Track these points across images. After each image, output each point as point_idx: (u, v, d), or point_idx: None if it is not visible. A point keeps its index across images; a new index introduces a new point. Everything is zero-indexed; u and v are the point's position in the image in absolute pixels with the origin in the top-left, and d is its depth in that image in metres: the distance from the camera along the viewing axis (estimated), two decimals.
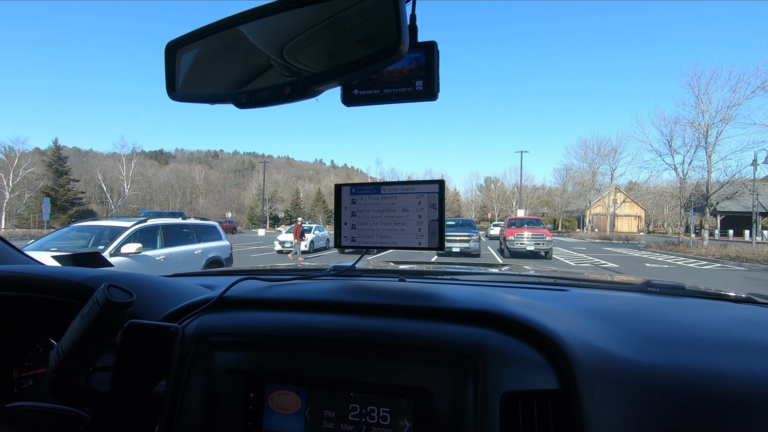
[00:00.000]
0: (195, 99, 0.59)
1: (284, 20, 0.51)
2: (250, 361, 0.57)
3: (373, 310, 0.59)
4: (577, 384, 0.46)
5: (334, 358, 0.54)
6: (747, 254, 14.65)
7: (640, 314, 0.67)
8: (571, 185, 50.99)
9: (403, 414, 0.50)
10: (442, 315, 0.57)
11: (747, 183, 20.06)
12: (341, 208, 0.77)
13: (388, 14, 0.44)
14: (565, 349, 0.49)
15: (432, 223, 0.70)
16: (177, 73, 0.58)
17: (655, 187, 32.51)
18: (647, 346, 0.53)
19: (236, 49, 0.55)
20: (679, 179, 21.82)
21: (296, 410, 0.54)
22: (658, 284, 0.92)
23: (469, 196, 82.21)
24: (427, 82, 0.59)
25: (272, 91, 0.51)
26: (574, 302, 0.71)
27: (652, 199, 34.68)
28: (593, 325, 0.60)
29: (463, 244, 14.87)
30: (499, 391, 0.48)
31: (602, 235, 35.53)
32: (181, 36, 0.57)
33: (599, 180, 44.94)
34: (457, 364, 0.50)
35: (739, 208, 33.36)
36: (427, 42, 0.59)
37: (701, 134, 20.30)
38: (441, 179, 0.71)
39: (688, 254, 17.28)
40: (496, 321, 0.55)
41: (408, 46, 0.45)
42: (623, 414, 0.44)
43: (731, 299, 0.86)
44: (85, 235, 6.41)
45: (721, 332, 0.59)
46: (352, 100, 0.64)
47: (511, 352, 0.51)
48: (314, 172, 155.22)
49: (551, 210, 57.57)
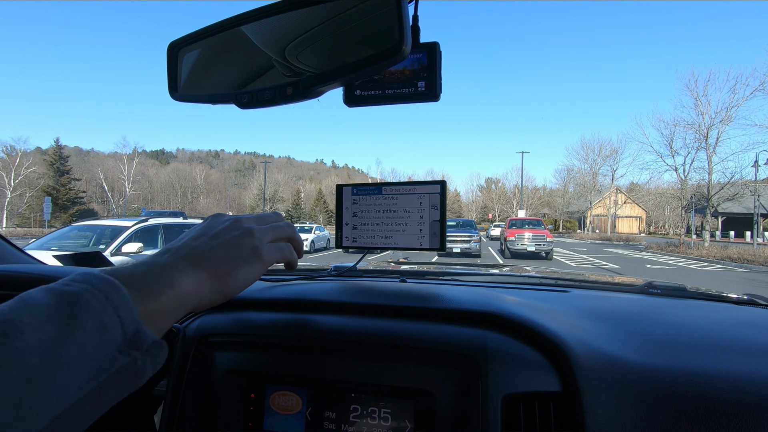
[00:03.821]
0: (197, 99, 0.59)
1: (286, 21, 0.51)
2: (251, 361, 0.57)
3: (374, 311, 0.59)
4: (579, 385, 0.46)
5: (335, 359, 0.54)
6: (748, 255, 14.64)
7: (642, 315, 0.66)
8: (572, 186, 50.99)
9: (405, 415, 0.50)
10: (442, 316, 0.57)
11: (748, 184, 20.05)
12: (342, 209, 0.77)
13: (391, 15, 0.44)
14: (566, 351, 0.49)
15: (433, 224, 0.70)
16: (179, 73, 0.59)
17: (656, 188, 32.51)
18: (648, 347, 0.53)
19: (238, 50, 0.55)
20: (680, 180, 21.83)
21: (297, 411, 0.54)
22: (660, 285, 0.92)
23: (469, 197, 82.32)
24: (429, 82, 0.59)
25: (274, 92, 0.51)
26: (575, 303, 0.71)
27: (653, 200, 34.68)
28: (594, 326, 0.59)
29: (463, 244, 14.88)
30: (501, 393, 0.48)
31: (603, 236, 35.53)
32: (183, 36, 0.57)
33: (600, 181, 44.93)
34: (458, 365, 0.50)
35: (740, 210, 33.33)
36: (429, 43, 0.59)
37: (701, 136, 20.30)
38: (442, 180, 0.71)
39: (689, 255, 17.27)
40: (496, 322, 0.55)
41: (410, 47, 0.45)
42: (624, 416, 0.44)
43: (732, 301, 0.86)
44: (86, 235, 6.43)
45: (722, 334, 0.59)
46: (354, 100, 0.64)
47: (512, 353, 0.51)
48: (315, 172, 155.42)
49: (552, 211, 57.57)
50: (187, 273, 0.38)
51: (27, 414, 0.25)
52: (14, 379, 0.25)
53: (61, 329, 0.27)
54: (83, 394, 0.27)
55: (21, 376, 0.25)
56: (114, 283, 0.31)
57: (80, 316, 0.28)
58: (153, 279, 0.35)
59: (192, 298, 0.38)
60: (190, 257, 0.40)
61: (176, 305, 0.36)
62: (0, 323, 0.26)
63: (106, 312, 0.29)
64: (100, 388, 0.28)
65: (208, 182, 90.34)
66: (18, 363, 0.25)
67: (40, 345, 0.26)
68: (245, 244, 0.44)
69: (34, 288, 0.30)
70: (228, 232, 0.44)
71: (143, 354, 0.30)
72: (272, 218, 0.51)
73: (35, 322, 0.27)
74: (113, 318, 0.29)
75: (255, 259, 0.44)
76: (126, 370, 0.29)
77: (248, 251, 0.44)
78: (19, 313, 0.27)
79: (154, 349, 0.31)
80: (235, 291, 0.43)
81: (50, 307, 0.28)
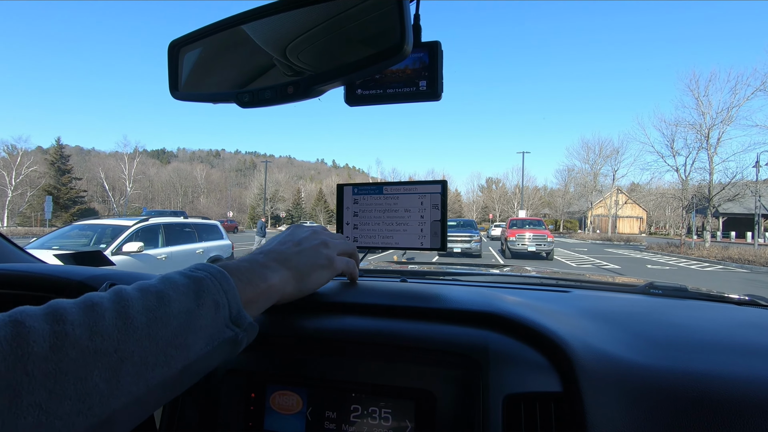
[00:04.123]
0: (198, 98, 0.59)
1: (287, 20, 0.51)
2: (251, 361, 0.57)
3: (374, 311, 0.59)
4: (580, 386, 0.46)
5: (335, 359, 0.54)
6: (749, 256, 14.63)
7: (643, 316, 0.66)
8: (573, 186, 50.97)
9: (405, 415, 0.50)
10: (443, 316, 0.57)
11: (749, 185, 20.04)
12: (343, 208, 0.77)
13: (392, 14, 0.44)
14: (567, 351, 0.49)
15: (434, 224, 0.70)
16: (180, 73, 0.58)
17: (657, 188, 32.48)
18: (649, 348, 0.53)
19: (239, 49, 0.55)
20: (681, 181, 21.81)
21: (297, 411, 0.53)
22: (661, 286, 0.91)
23: (470, 197, 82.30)
24: (431, 82, 0.59)
25: (275, 91, 0.51)
26: (576, 304, 0.71)
27: (654, 200, 34.65)
28: (595, 326, 0.59)
29: (464, 244, 14.88)
30: (502, 393, 0.47)
31: (604, 236, 35.50)
32: (184, 35, 0.57)
33: (601, 181, 44.94)
34: (459, 365, 0.50)
35: (741, 210, 33.29)
36: (430, 42, 0.59)
37: (703, 136, 20.29)
38: (443, 180, 0.71)
39: (690, 256, 17.25)
40: (497, 322, 0.55)
41: (412, 46, 0.45)
42: (625, 416, 0.44)
43: (734, 301, 0.86)
44: (87, 234, 6.43)
45: (723, 335, 0.59)
46: (355, 100, 0.64)
47: (513, 353, 0.51)
48: (316, 171, 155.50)
49: (553, 211, 57.52)
50: (277, 271, 0.47)
51: (169, 361, 0.33)
52: (165, 335, 0.33)
53: (192, 303, 0.36)
54: (201, 354, 0.35)
55: (169, 334, 0.33)
56: (225, 273, 0.40)
57: (203, 296, 0.37)
58: (253, 274, 0.44)
59: (278, 291, 0.47)
60: (279, 259, 0.49)
61: (267, 296, 0.45)
62: (157, 293, 0.35)
63: (219, 294, 0.38)
64: (211, 352, 0.36)
65: (209, 182, 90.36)
66: (168, 323, 0.34)
67: (180, 313, 0.35)
68: (321, 253, 0.54)
69: (172, 272, 0.39)
70: (308, 241, 0.54)
71: (242, 330, 0.39)
72: (340, 236, 0.63)
73: (177, 296, 0.35)
74: (224, 300, 0.38)
75: (328, 265, 0.54)
76: (229, 341, 0.38)
77: (323, 259, 0.54)
78: (167, 287, 0.36)
79: (250, 328, 0.40)
80: (311, 289, 0.53)
81: (186, 286, 0.37)
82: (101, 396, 0.29)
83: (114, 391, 0.30)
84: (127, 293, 0.34)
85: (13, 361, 0.26)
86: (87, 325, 0.30)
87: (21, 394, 0.26)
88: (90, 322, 0.30)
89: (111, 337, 0.31)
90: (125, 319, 0.32)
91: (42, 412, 0.26)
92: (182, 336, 0.34)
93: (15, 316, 0.29)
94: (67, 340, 0.29)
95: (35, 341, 0.27)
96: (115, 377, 0.30)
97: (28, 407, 0.26)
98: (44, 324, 0.29)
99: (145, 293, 0.35)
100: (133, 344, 0.31)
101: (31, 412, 0.26)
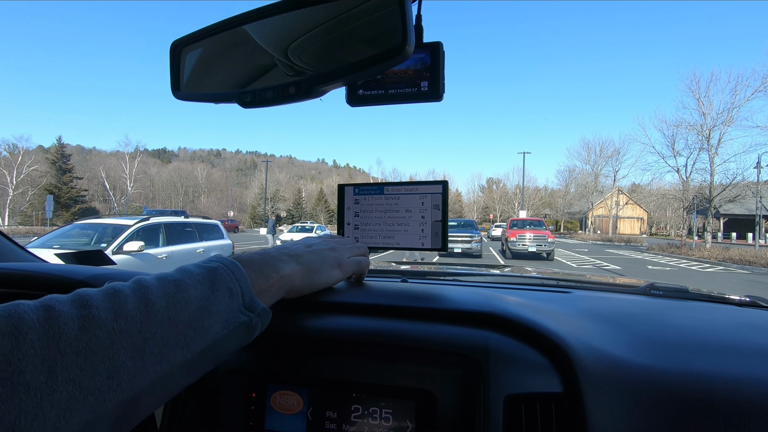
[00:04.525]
0: (199, 98, 0.59)
1: (289, 20, 0.51)
2: (252, 361, 0.57)
3: (375, 311, 0.59)
4: (580, 387, 0.46)
5: (336, 359, 0.54)
6: (750, 257, 14.60)
7: (644, 317, 0.66)
8: (574, 187, 50.92)
9: (406, 415, 0.50)
10: (444, 316, 0.57)
11: (750, 186, 20.02)
12: (344, 208, 0.77)
13: (394, 14, 0.44)
14: (567, 352, 0.49)
15: (435, 224, 0.70)
16: (182, 72, 0.59)
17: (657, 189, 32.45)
18: (650, 349, 0.53)
19: (241, 49, 0.55)
20: (682, 182, 21.79)
21: (298, 410, 0.53)
22: (661, 287, 0.91)
23: (471, 197, 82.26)
24: (433, 82, 0.59)
25: (277, 91, 0.51)
26: (577, 304, 0.71)
27: (654, 201, 34.57)
28: (596, 327, 0.59)
29: (465, 244, 14.87)
30: (502, 394, 0.47)
31: (604, 236, 35.46)
32: (186, 35, 0.57)
33: (602, 182, 44.92)
34: (459, 365, 0.50)
35: (742, 211, 33.26)
36: (432, 42, 0.59)
37: (703, 137, 20.27)
38: (444, 180, 0.71)
39: (691, 257, 17.23)
40: (498, 323, 0.55)
41: (413, 47, 0.45)
42: (626, 417, 0.44)
43: (734, 302, 0.86)
44: (88, 233, 6.44)
45: (724, 336, 0.59)
46: (356, 100, 0.63)
47: (514, 354, 0.50)
48: (316, 171, 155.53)
49: (553, 211, 57.47)
50: (288, 264, 0.52)
51: (188, 342, 0.36)
52: (183, 318, 0.36)
53: (207, 290, 0.39)
54: (218, 337, 0.38)
55: (187, 317, 0.36)
56: (237, 264, 0.43)
57: (217, 283, 0.40)
58: (265, 265, 0.48)
59: (288, 282, 0.51)
60: (291, 254, 0.54)
61: (279, 286, 0.49)
62: (174, 281, 0.38)
63: (232, 282, 0.41)
64: (227, 336, 0.39)
65: (210, 181, 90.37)
66: (186, 308, 0.36)
67: (196, 298, 0.38)
68: (330, 256, 0.59)
69: (188, 264, 0.42)
70: (319, 246, 0.60)
71: (256, 316, 0.42)
72: (349, 241, 0.69)
73: (193, 283, 0.39)
74: (237, 287, 0.41)
75: (337, 267, 0.60)
76: (244, 325, 0.41)
77: (332, 260, 0.59)
78: (183, 276, 0.39)
79: (263, 314, 0.43)
80: (320, 285, 0.57)
81: (201, 275, 0.40)
82: (128, 374, 0.31)
83: (140, 369, 0.32)
84: (147, 281, 0.37)
85: (47, 341, 0.28)
86: (111, 309, 0.33)
87: (56, 370, 0.28)
88: (114, 307, 0.33)
89: (134, 319, 0.33)
90: (146, 304, 0.34)
91: (76, 387, 0.28)
92: (200, 319, 0.37)
93: (45, 302, 0.31)
94: (94, 322, 0.31)
95: (65, 323, 0.30)
96: (140, 356, 0.32)
97: (63, 382, 0.28)
98: (72, 308, 0.31)
99: (163, 281, 0.38)
100: (154, 326, 0.34)
101: (66, 387, 0.28)
